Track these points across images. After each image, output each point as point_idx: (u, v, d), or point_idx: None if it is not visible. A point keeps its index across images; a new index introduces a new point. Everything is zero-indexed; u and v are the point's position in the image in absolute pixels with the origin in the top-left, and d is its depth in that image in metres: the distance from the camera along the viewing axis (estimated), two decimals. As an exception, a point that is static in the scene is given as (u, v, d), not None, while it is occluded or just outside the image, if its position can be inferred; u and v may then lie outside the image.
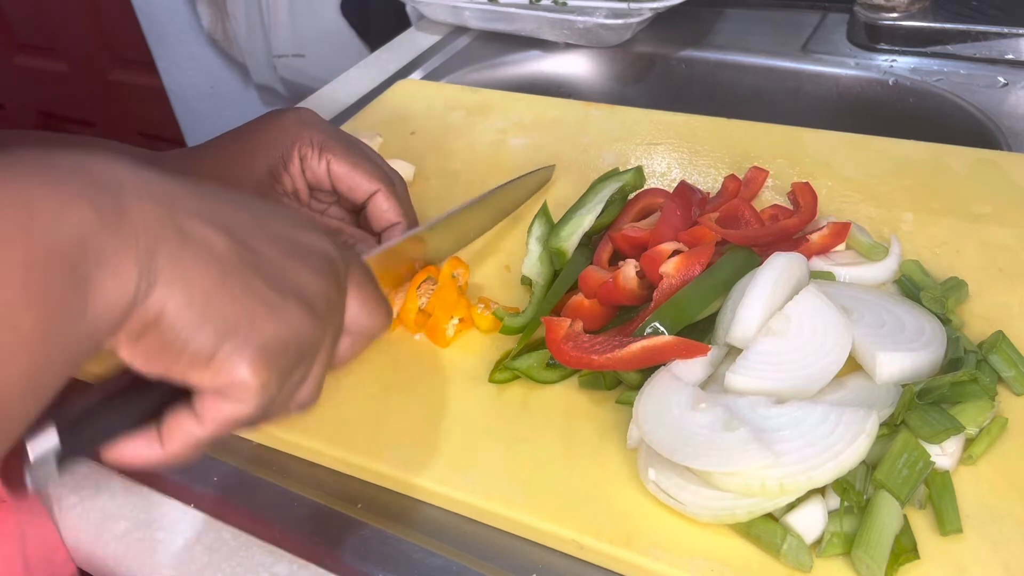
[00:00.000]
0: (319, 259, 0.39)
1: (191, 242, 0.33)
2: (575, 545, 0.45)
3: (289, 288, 0.37)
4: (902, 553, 0.41)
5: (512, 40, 1.03)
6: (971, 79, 0.85)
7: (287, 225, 0.39)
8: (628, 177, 0.65)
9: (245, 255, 0.35)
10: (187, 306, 0.33)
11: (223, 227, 0.35)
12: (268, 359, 0.35)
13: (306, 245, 0.39)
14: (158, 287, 0.32)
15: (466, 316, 0.57)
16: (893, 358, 0.47)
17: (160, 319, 0.33)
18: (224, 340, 0.34)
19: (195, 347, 0.34)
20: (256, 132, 0.59)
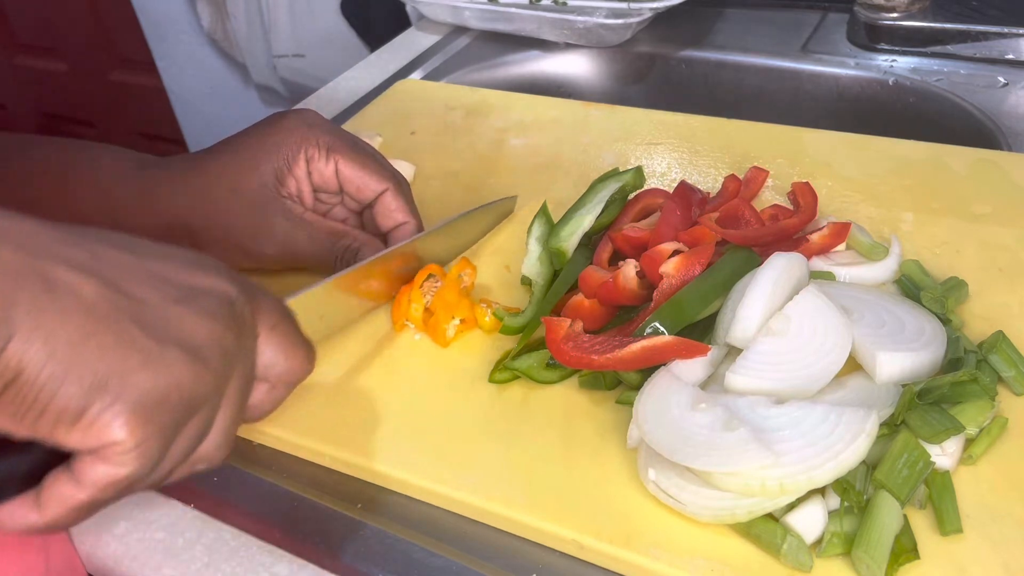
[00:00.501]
0: (213, 301, 0.36)
1: (56, 290, 0.31)
2: (575, 545, 0.45)
3: (170, 335, 0.34)
4: (902, 553, 0.41)
5: (512, 40, 1.03)
6: (971, 79, 0.85)
7: (177, 267, 0.37)
8: (628, 177, 0.65)
9: (119, 301, 0.33)
10: (49, 359, 0.31)
11: (94, 272, 0.33)
12: (145, 415, 0.33)
13: (197, 287, 0.36)
14: (15, 340, 0.30)
15: (468, 317, 0.57)
16: (893, 358, 0.47)
17: (19, 374, 0.31)
18: (94, 396, 0.32)
19: (60, 404, 0.31)
20: (260, 136, 0.59)
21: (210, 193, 0.57)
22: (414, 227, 0.60)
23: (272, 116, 0.60)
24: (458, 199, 0.72)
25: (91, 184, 0.58)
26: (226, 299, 0.37)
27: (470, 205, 0.71)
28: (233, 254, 0.58)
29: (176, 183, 0.57)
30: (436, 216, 0.70)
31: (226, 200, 0.57)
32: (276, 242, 0.57)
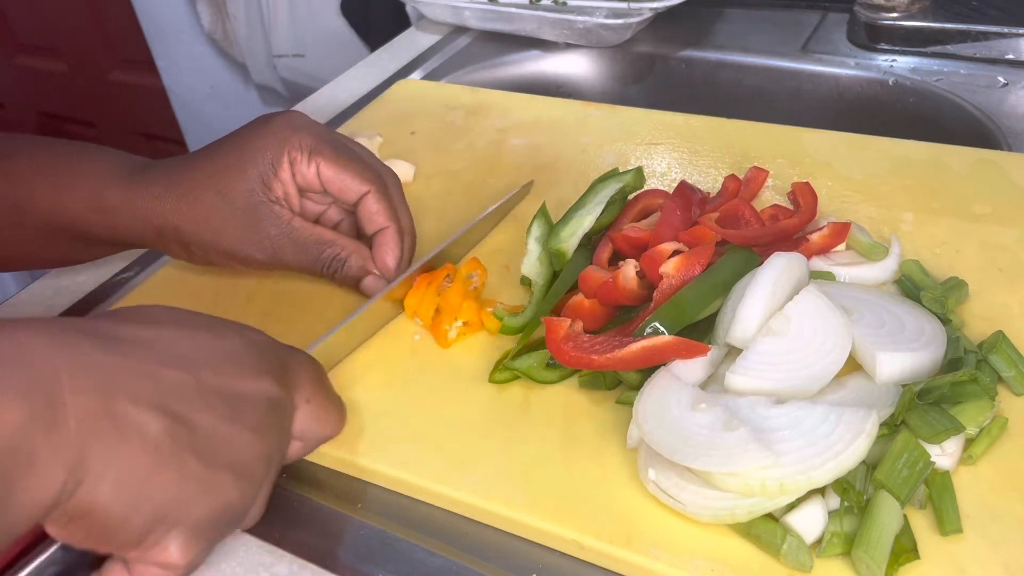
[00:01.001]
0: (260, 411, 0.40)
1: (125, 432, 0.35)
2: (575, 545, 0.45)
3: (223, 460, 0.38)
4: (902, 553, 0.41)
5: (512, 40, 1.03)
6: (971, 79, 0.85)
7: (227, 376, 0.40)
8: (628, 178, 0.65)
9: (180, 433, 0.37)
10: (116, 499, 0.34)
11: (158, 406, 0.36)
12: (198, 536, 0.38)
13: (245, 397, 0.40)
14: (86, 483, 0.33)
15: (473, 319, 0.57)
16: (893, 358, 0.47)
17: (88, 512, 0.34)
18: (154, 525, 0.36)
19: (124, 534, 0.36)
20: (246, 139, 0.58)
21: (197, 197, 0.57)
22: (394, 232, 0.59)
23: (259, 118, 0.60)
24: (458, 199, 0.72)
25: (84, 186, 0.58)
26: (269, 403, 0.41)
27: (470, 205, 0.71)
28: (222, 258, 0.58)
29: (164, 187, 0.57)
30: (436, 215, 0.70)
31: (213, 205, 0.57)
32: (263, 248, 0.57)
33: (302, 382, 0.44)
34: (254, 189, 0.57)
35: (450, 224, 0.69)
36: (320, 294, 0.63)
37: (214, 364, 0.40)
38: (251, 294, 0.64)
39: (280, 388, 0.42)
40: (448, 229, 0.68)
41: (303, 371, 0.44)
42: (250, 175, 0.57)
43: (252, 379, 0.41)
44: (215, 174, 0.57)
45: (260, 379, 0.41)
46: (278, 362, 0.43)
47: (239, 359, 0.41)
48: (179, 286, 0.66)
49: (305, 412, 0.44)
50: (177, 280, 0.66)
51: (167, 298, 0.64)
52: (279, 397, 0.41)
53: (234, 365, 0.40)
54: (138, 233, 0.58)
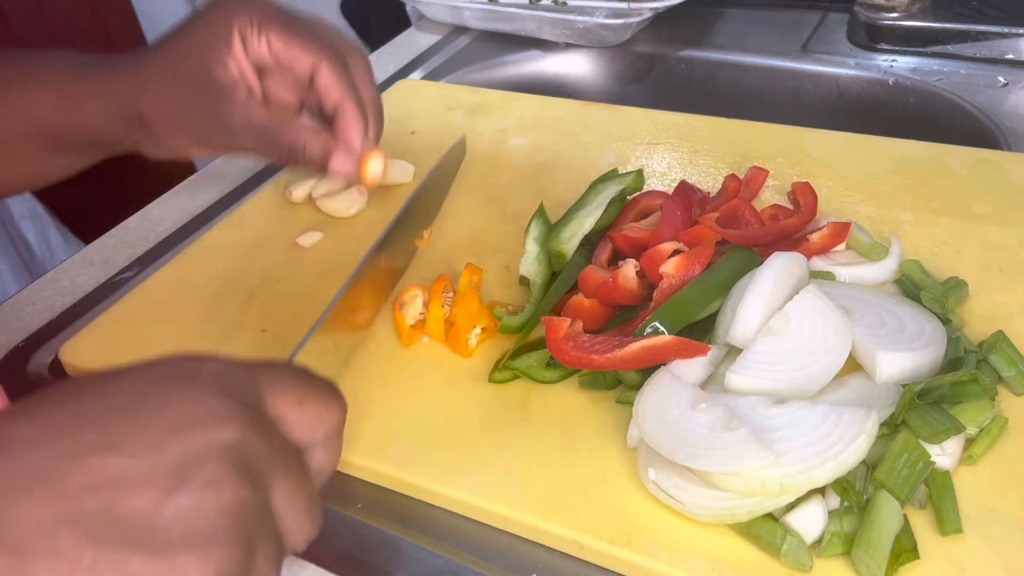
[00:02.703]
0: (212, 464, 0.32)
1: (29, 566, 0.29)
2: (575, 545, 0.45)
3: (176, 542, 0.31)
4: (902, 553, 0.41)
5: (512, 40, 1.03)
6: (971, 79, 0.85)
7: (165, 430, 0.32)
8: (628, 180, 0.65)
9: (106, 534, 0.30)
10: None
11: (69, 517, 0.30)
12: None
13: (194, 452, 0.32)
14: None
15: (488, 324, 0.56)
16: (893, 358, 0.47)
17: None
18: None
19: None
20: (200, 20, 0.57)
21: (158, 82, 0.56)
22: (353, 105, 0.56)
23: (210, 2, 0.58)
24: (458, 199, 0.72)
25: (48, 84, 0.58)
26: (224, 450, 0.33)
27: (470, 205, 0.71)
28: (186, 142, 0.57)
29: (126, 75, 0.57)
30: (437, 217, 0.70)
31: (172, 89, 0.56)
32: (222, 134, 0.56)
33: (283, 391, 0.37)
34: (210, 70, 0.55)
35: (450, 224, 0.69)
36: (321, 294, 0.63)
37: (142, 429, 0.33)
38: (251, 294, 0.64)
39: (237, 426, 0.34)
40: (448, 229, 0.68)
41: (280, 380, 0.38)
42: (205, 56, 0.55)
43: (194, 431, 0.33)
44: (173, 58, 0.57)
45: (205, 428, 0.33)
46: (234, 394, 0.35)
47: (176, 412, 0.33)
48: (179, 286, 0.66)
49: (302, 416, 0.38)
50: (177, 280, 0.66)
51: (167, 298, 0.64)
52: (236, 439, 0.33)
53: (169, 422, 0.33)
54: (105, 126, 0.58)
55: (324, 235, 0.70)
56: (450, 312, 0.57)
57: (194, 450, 0.32)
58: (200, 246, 0.70)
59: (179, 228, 0.76)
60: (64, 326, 0.66)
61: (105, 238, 0.77)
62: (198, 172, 0.85)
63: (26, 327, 0.66)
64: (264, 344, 0.59)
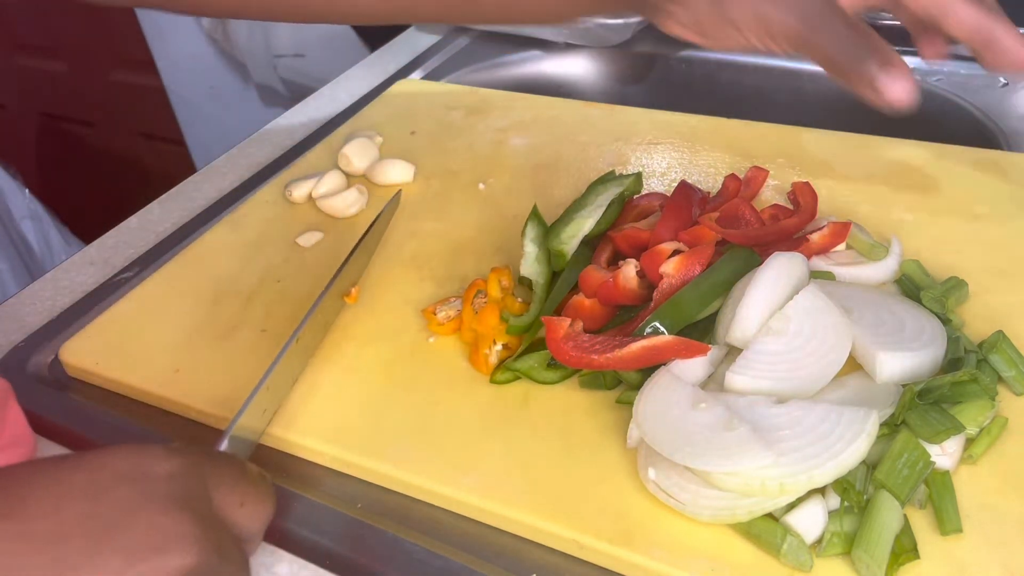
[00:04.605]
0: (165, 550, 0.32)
1: None
2: (575, 545, 0.45)
3: None
4: (902, 553, 0.41)
5: (512, 40, 1.03)
6: (971, 79, 0.85)
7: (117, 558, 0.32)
8: (628, 183, 0.65)
9: None
10: None
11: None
12: None
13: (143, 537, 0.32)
14: None
15: (510, 341, 0.55)
16: (893, 358, 0.47)
17: None
18: None
19: None
20: None
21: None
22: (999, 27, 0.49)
23: None
24: (458, 199, 0.72)
25: None
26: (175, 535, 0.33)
27: (470, 205, 0.71)
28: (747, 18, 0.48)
29: None
30: (436, 215, 0.70)
31: None
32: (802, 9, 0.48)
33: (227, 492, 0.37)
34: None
35: (450, 224, 0.69)
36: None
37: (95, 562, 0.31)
38: (251, 294, 0.64)
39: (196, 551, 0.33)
40: (448, 229, 0.69)
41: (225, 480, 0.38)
42: None
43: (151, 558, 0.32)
44: None
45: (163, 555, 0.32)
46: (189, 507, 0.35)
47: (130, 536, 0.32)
48: (179, 286, 0.66)
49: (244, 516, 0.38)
50: (177, 279, 0.66)
51: (167, 297, 0.64)
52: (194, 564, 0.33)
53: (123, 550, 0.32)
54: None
55: (324, 235, 0.70)
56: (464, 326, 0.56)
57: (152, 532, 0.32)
58: (200, 246, 0.70)
59: (179, 228, 0.76)
60: (64, 326, 0.66)
61: (105, 238, 0.77)
62: (198, 172, 0.85)
63: (26, 327, 0.66)
64: (264, 344, 0.59)
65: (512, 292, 0.59)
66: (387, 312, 0.60)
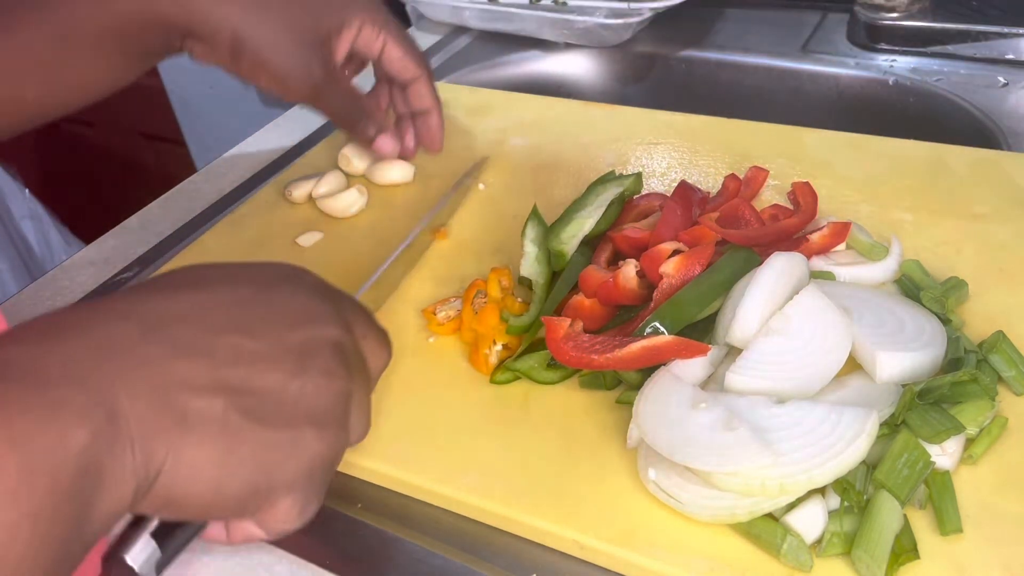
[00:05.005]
0: (326, 355, 0.38)
1: (188, 421, 0.34)
2: (575, 545, 0.45)
3: (299, 416, 0.37)
4: (902, 553, 0.41)
5: (512, 40, 1.03)
6: (971, 79, 0.85)
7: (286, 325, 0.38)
8: (628, 183, 0.65)
9: (246, 404, 0.35)
10: (196, 487, 0.34)
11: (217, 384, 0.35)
12: (298, 493, 0.37)
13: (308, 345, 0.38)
14: (160, 480, 0.33)
15: (510, 341, 0.55)
16: (893, 358, 0.47)
17: (171, 502, 0.34)
18: (247, 500, 0.35)
19: (218, 513, 0.36)
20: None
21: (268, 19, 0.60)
22: (438, 114, 0.71)
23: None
24: (458, 199, 0.72)
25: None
26: (335, 347, 0.39)
27: (470, 205, 0.71)
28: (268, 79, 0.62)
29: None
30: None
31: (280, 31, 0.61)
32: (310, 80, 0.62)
33: (356, 320, 0.42)
34: (321, 32, 0.62)
35: (450, 224, 0.69)
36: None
37: (268, 320, 0.38)
38: (251, 294, 0.64)
39: (340, 328, 0.40)
40: (448, 229, 0.68)
41: (355, 310, 0.43)
42: (323, 20, 0.63)
43: (310, 326, 0.39)
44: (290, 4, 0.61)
45: (317, 324, 0.39)
46: (333, 304, 0.41)
47: (292, 308, 0.39)
48: (179, 286, 0.65)
49: (366, 347, 0.42)
50: (177, 280, 0.66)
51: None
52: (340, 337, 0.40)
53: (288, 316, 0.39)
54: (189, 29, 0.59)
55: (324, 235, 0.70)
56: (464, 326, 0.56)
57: (311, 342, 0.38)
58: (200, 246, 0.70)
59: (179, 228, 0.76)
60: (64, 326, 0.65)
61: (105, 238, 0.77)
62: (198, 172, 0.85)
63: (26, 327, 0.66)
64: (264, 344, 0.59)
65: (512, 292, 0.59)
66: (387, 312, 0.60)
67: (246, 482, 0.35)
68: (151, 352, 0.34)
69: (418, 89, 0.70)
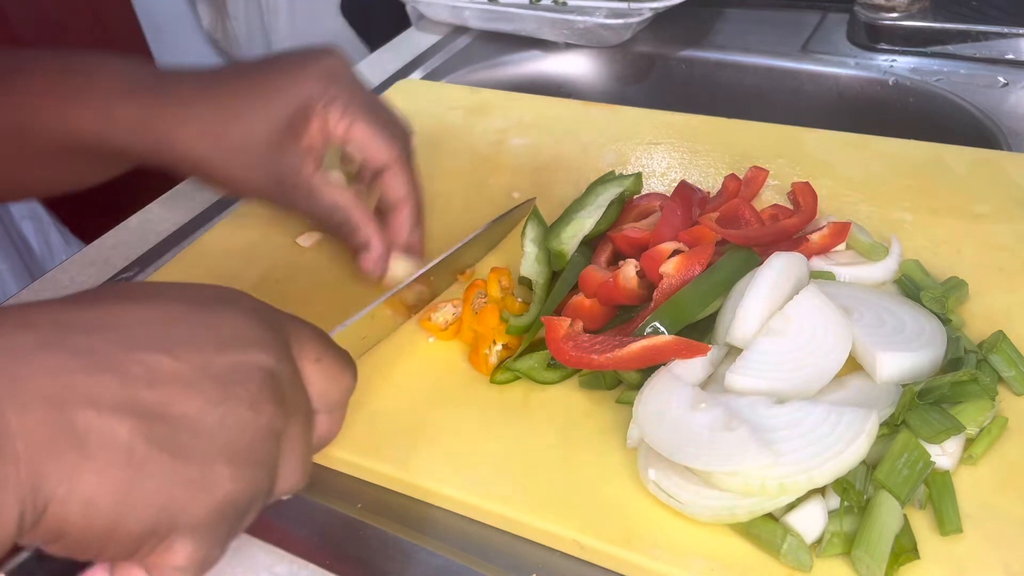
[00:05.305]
0: (253, 385, 0.35)
1: (87, 444, 0.30)
2: (575, 545, 0.45)
3: (213, 450, 0.33)
4: (902, 553, 0.41)
5: (512, 40, 1.03)
6: (971, 79, 0.85)
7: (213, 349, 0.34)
8: (628, 183, 0.65)
9: (156, 432, 0.32)
10: (91, 519, 0.30)
11: (125, 406, 0.31)
12: (201, 538, 0.33)
13: (236, 370, 0.34)
14: (52, 508, 0.29)
15: (510, 341, 0.55)
16: (893, 358, 0.47)
17: (63, 535, 0.30)
18: (146, 537, 0.32)
19: (113, 550, 0.32)
20: (281, 78, 0.55)
21: (222, 133, 0.54)
22: (411, 210, 0.59)
23: (296, 56, 0.57)
24: (458, 199, 0.72)
25: (89, 103, 0.54)
26: (265, 375, 0.35)
27: (470, 206, 0.71)
28: (237, 192, 0.59)
29: (186, 111, 0.54)
30: (436, 215, 0.70)
31: (238, 143, 0.54)
32: (281, 192, 0.56)
33: (305, 344, 0.39)
34: (283, 136, 0.55)
35: (450, 225, 0.69)
36: (321, 294, 0.63)
37: (193, 340, 0.34)
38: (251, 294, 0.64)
39: (275, 356, 0.36)
40: (448, 230, 0.68)
41: (304, 333, 0.40)
42: (280, 120, 0.55)
43: (241, 351, 0.35)
44: (243, 111, 0.55)
45: (250, 350, 0.35)
46: (272, 329, 0.38)
47: (224, 331, 0.35)
48: (179, 286, 0.65)
49: (317, 374, 0.39)
50: (177, 280, 0.66)
51: (167, 298, 0.64)
52: (274, 367, 0.36)
53: (218, 338, 0.35)
54: (151, 156, 0.55)
55: (324, 235, 0.70)
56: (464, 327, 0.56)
57: (239, 369, 0.34)
58: (200, 246, 0.70)
59: (179, 228, 0.76)
60: (64, 326, 0.65)
61: (105, 238, 0.77)
62: (198, 172, 0.85)
63: (26, 327, 0.66)
64: (264, 344, 0.59)
65: (512, 292, 0.59)
66: (387, 312, 0.60)
67: (148, 520, 0.31)
68: (50, 363, 0.30)
69: (390, 179, 0.58)
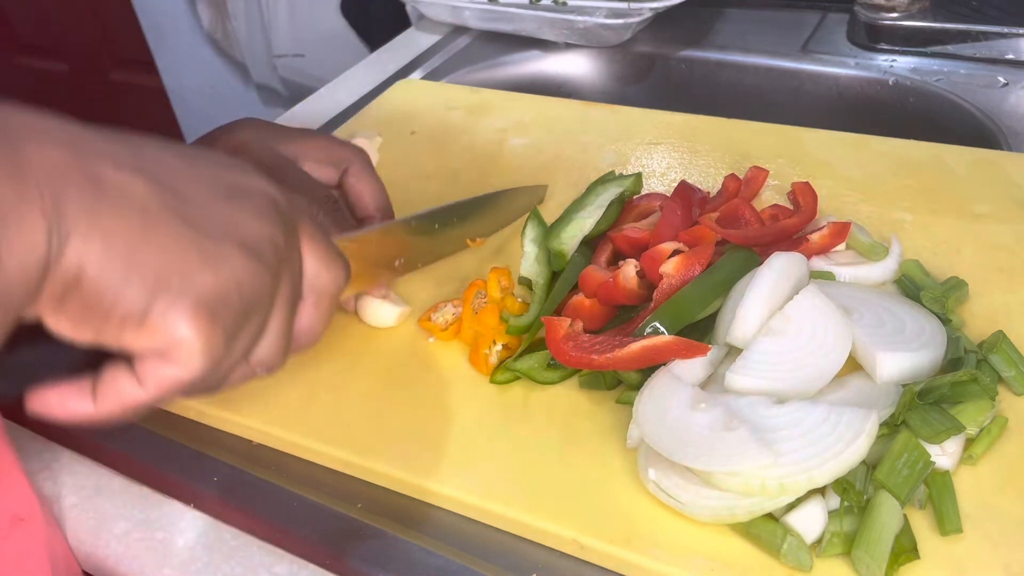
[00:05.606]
0: (260, 201, 0.35)
1: (104, 188, 0.30)
2: (575, 545, 0.45)
3: (225, 232, 0.33)
4: (902, 553, 0.41)
5: (512, 40, 1.03)
6: (971, 79, 0.85)
7: (221, 167, 0.36)
8: (628, 183, 0.65)
9: (169, 200, 0.32)
10: (108, 261, 0.30)
11: (141, 170, 0.32)
12: (209, 313, 0.32)
13: (244, 187, 0.35)
14: (72, 241, 0.29)
15: (512, 341, 0.55)
16: (893, 358, 0.47)
17: (80, 278, 0.30)
18: (157, 296, 0.31)
19: (124, 306, 0.31)
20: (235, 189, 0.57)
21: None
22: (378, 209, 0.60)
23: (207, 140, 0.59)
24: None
25: None
26: (272, 199, 0.36)
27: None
28: None
29: None
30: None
31: None
32: None
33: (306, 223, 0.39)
34: None
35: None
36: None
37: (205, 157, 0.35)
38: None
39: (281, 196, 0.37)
40: (448, 229, 0.68)
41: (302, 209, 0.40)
42: None
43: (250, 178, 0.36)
44: None
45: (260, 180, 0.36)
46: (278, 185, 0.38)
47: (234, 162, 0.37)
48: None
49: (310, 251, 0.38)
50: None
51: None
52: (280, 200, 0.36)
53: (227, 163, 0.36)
54: None
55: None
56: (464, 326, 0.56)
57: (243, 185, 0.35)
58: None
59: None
60: (64, 326, 0.65)
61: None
62: (198, 172, 0.85)
63: (26, 327, 0.66)
64: (264, 344, 0.59)
65: (512, 292, 0.59)
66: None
67: (158, 275, 0.31)
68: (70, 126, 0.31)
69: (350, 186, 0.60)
